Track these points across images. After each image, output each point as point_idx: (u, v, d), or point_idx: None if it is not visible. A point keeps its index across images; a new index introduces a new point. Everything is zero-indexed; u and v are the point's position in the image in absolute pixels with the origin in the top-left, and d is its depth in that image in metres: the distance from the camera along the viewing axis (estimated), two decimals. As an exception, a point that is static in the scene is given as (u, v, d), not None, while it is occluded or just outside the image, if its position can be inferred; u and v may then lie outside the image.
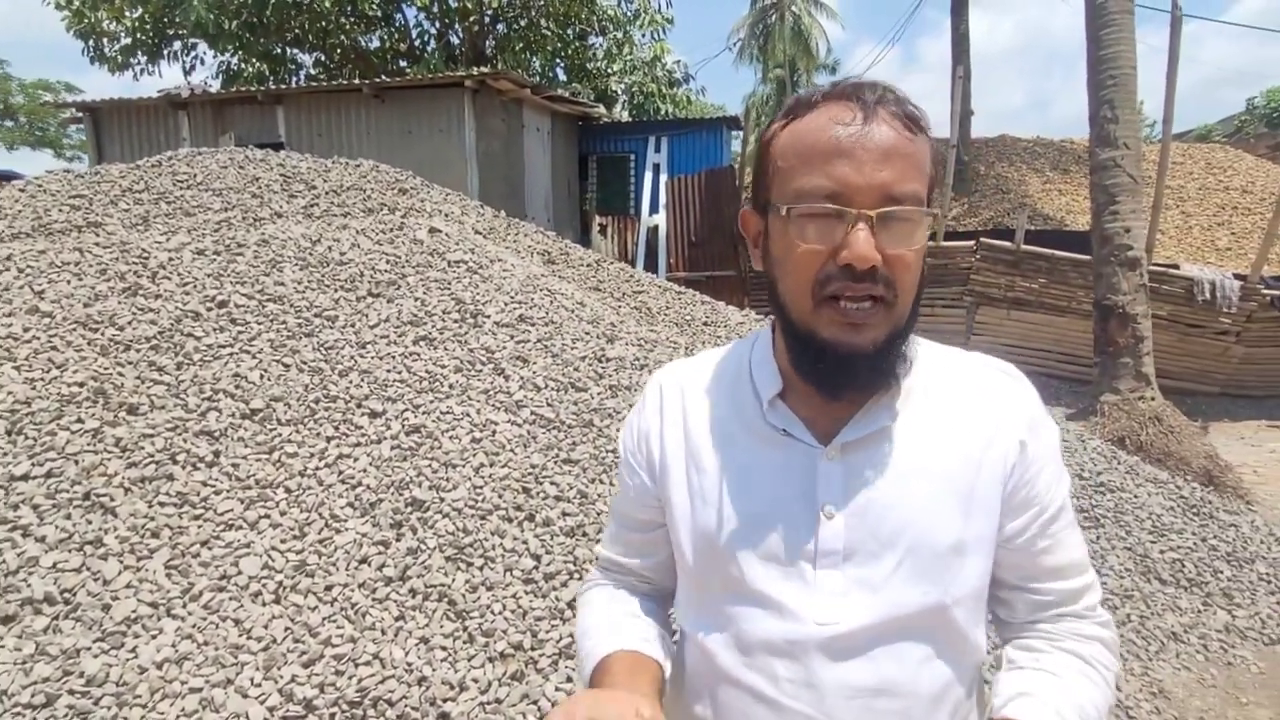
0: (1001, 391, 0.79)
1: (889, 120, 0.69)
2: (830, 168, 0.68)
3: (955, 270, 7.99)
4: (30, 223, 4.33)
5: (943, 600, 0.74)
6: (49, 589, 2.03)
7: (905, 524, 0.74)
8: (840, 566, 0.74)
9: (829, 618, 0.74)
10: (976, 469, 0.76)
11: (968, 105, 11.72)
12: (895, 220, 0.68)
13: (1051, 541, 0.79)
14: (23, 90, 27.26)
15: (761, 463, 0.78)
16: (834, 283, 0.69)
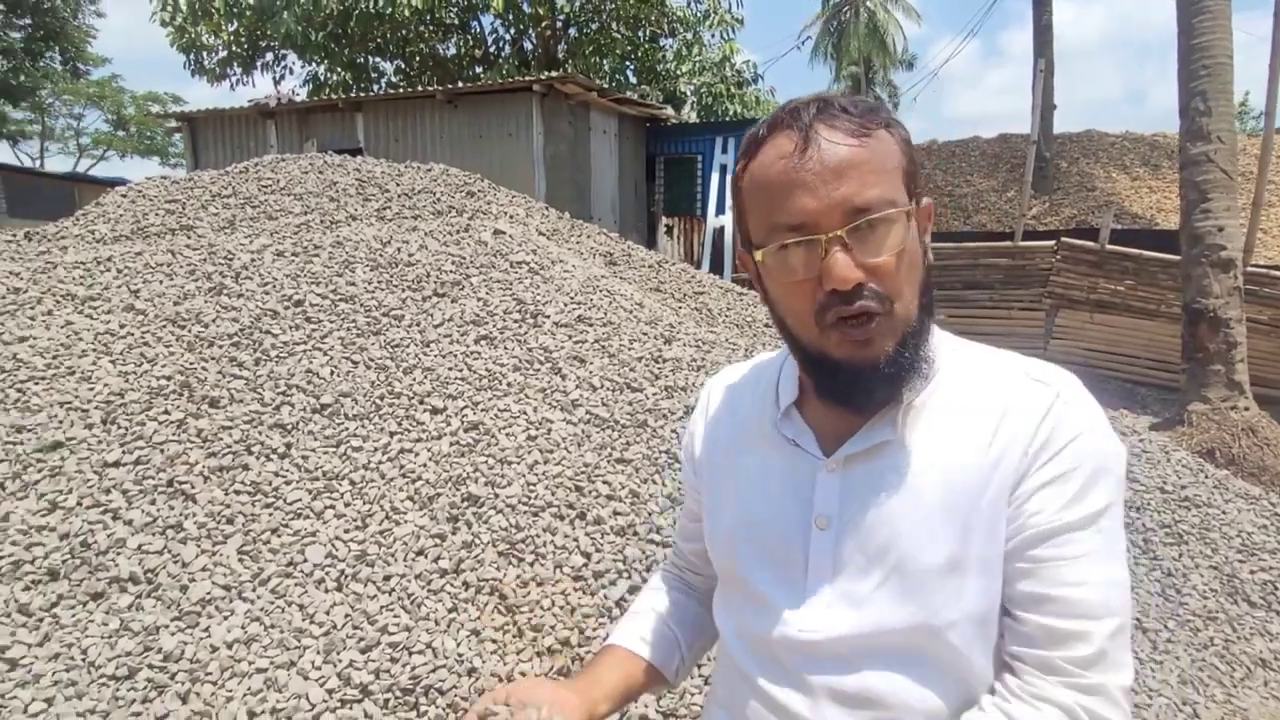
0: (1025, 402, 0.72)
1: (829, 134, 0.68)
2: (788, 202, 0.68)
3: (1034, 271, 7.67)
4: (130, 226, 4.64)
5: (930, 621, 0.71)
6: (134, 569, 2.17)
7: (892, 541, 0.72)
8: (830, 578, 0.75)
9: (811, 626, 0.75)
10: (982, 484, 0.71)
11: (1050, 99, 11.22)
12: (866, 230, 0.67)
13: (1033, 565, 0.69)
14: (134, 102, 29.28)
15: (770, 470, 0.81)
16: (830, 309, 0.69)
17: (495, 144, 9.35)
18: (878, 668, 0.73)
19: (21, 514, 2.30)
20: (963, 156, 14.64)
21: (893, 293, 0.69)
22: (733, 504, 0.84)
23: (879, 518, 0.73)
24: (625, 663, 0.91)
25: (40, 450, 2.54)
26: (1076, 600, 0.68)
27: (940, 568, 0.70)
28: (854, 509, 0.74)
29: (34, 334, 3.11)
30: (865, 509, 0.74)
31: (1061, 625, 0.68)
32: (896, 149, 0.70)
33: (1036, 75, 7.71)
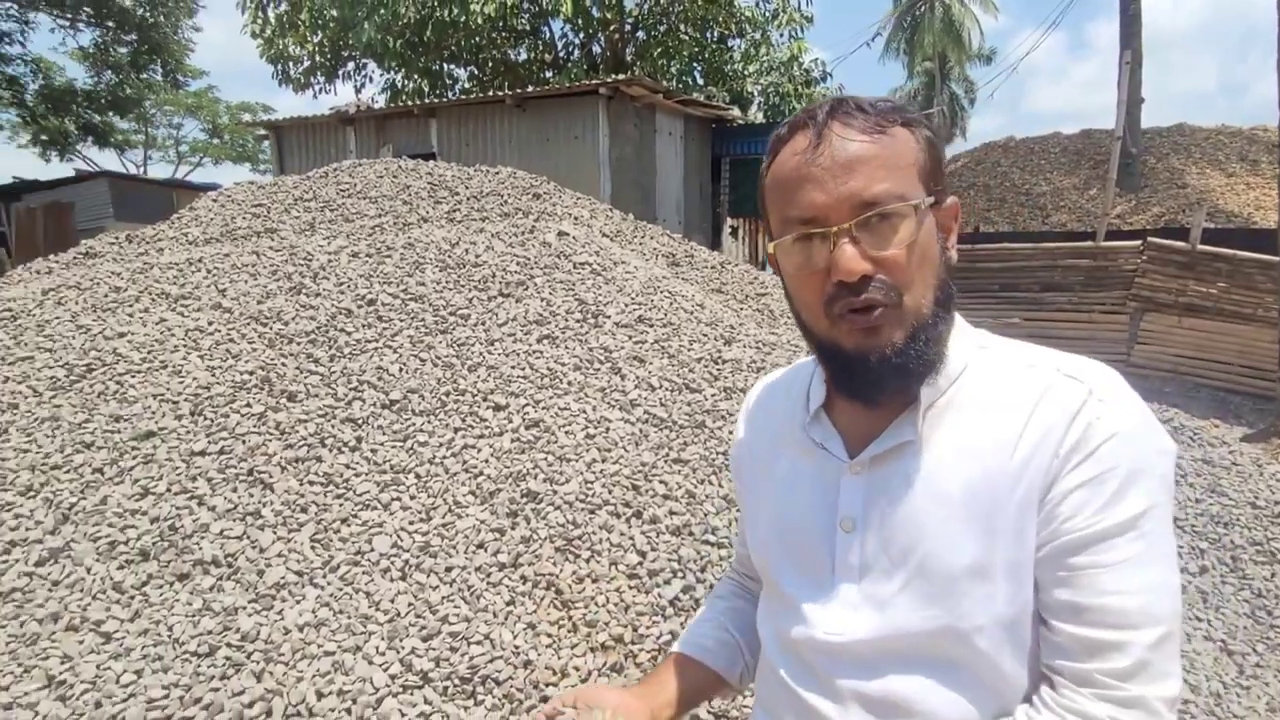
0: (1056, 399, 0.70)
1: (843, 131, 0.69)
2: (799, 196, 0.71)
3: (1117, 273, 7.30)
4: (219, 229, 4.91)
5: (954, 625, 0.70)
6: (216, 553, 2.30)
7: (914, 543, 0.72)
8: (856, 580, 0.76)
9: (836, 628, 0.76)
10: (1010, 486, 0.69)
11: (1137, 92, 10.66)
12: (875, 223, 0.68)
13: (1069, 574, 0.67)
14: (228, 111, 30.95)
15: (799, 474, 0.83)
16: (838, 300, 0.71)
17: (562, 146, 9.49)
18: (902, 672, 0.73)
19: (118, 498, 2.47)
20: (1041, 153, 14.06)
21: (902, 285, 0.70)
22: (767, 508, 0.86)
23: (902, 519, 0.73)
24: (689, 670, 0.93)
25: (135, 439, 2.72)
26: (1114, 609, 0.65)
27: (964, 570, 0.70)
28: (878, 511, 0.75)
29: (132, 330, 3.34)
30: (889, 510, 0.74)
31: (1097, 636, 0.66)
32: (914, 147, 0.71)
33: (1122, 67, 7.34)
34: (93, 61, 18.76)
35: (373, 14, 12.82)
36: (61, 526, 2.37)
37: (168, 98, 28.24)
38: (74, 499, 2.46)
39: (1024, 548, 0.69)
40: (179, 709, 1.87)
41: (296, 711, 1.90)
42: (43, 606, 2.11)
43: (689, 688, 0.91)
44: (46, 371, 3.05)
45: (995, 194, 13.41)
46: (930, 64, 26.38)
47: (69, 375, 3.03)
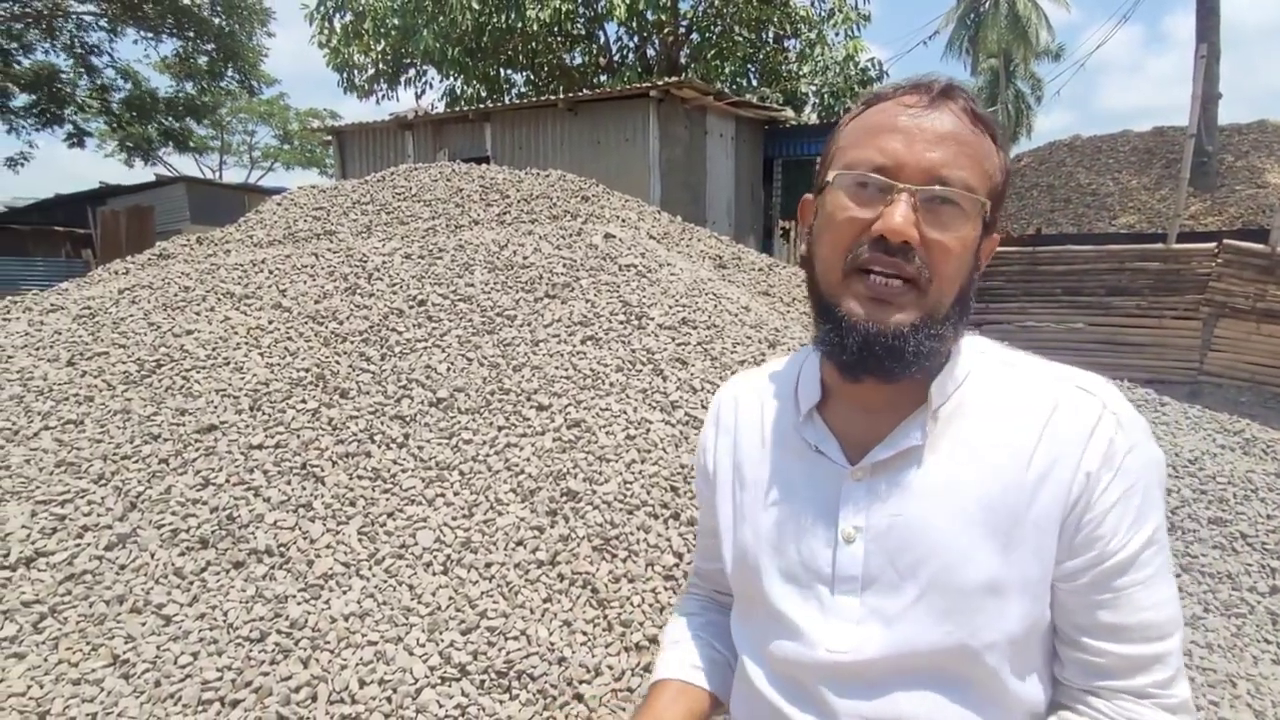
0: (1071, 412, 0.69)
1: (954, 110, 0.68)
2: (882, 142, 0.68)
3: (1190, 276, 6.96)
4: (282, 231, 5.11)
5: (968, 643, 0.67)
6: (269, 542, 2.40)
7: (927, 555, 0.68)
8: (858, 594, 0.71)
9: (840, 645, 0.71)
10: (1027, 500, 0.67)
11: (1213, 88, 10.15)
12: (941, 203, 0.66)
13: (1114, 596, 0.68)
14: (297, 118, 32.15)
15: (792, 479, 0.77)
16: (866, 254, 0.67)
17: (613, 149, 9.56)
18: (909, 690, 0.69)
19: (181, 488, 2.60)
20: (1109, 152, 13.51)
21: (936, 272, 0.67)
22: (753, 517, 0.80)
23: (913, 530, 0.69)
24: (682, 696, 0.86)
25: (198, 432, 2.85)
26: (1152, 624, 0.68)
27: (980, 586, 0.67)
28: (884, 520, 0.70)
29: (198, 328, 3.50)
30: (895, 520, 0.70)
31: (1141, 651, 0.68)
32: (996, 162, 0.70)
33: (1197, 61, 7.00)
34: (174, 71, 19.72)
35: (432, 22, 13.14)
36: (129, 514, 2.50)
37: (242, 105, 29.49)
38: (141, 488, 2.60)
39: (1042, 565, 0.68)
40: (230, 691, 1.96)
41: (340, 698, 1.97)
42: (110, 589, 2.24)
43: (688, 714, 0.84)
44: (120, 366, 3.23)
45: (1059, 194, 12.95)
46: (995, 61, 25.61)
47: (140, 370, 3.20)
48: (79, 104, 19.60)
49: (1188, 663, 2.43)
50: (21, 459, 2.71)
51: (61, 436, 2.83)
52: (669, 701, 0.84)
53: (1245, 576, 2.88)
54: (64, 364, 3.28)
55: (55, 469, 2.67)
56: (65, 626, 2.13)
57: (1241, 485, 3.36)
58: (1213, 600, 2.75)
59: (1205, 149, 9.94)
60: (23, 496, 2.54)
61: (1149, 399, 4.45)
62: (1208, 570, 2.87)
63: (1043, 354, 0.84)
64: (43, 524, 2.44)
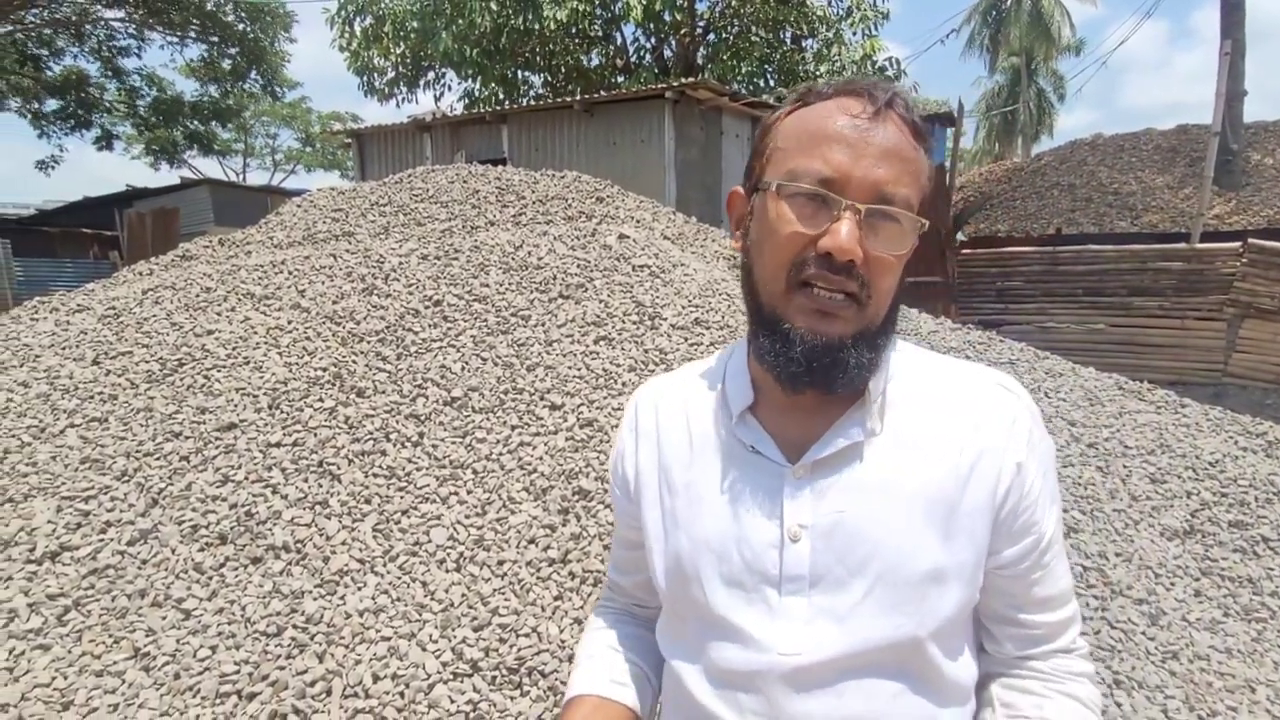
0: (994, 406, 0.73)
1: (896, 122, 0.68)
2: (828, 153, 0.67)
3: (1214, 276, 6.86)
4: (301, 232, 5.18)
5: (916, 633, 0.68)
6: (286, 539, 2.44)
7: (875, 549, 0.69)
8: (806, 593, 0.70)
9: (792, 648, 0.69)
10: (960, 490, 0.70)
11: (1239, 84, 9.98)
12: (884, 220, 0.67)
13: (1044, 572, 0.74)
14: (319, 121, 32.52)
15: (729, 482, 0.75)
16: (808, 270, 0.67)
17: (628, 150, 9.58)
18: (860, 686, 0.69)
19: (201, 485, 2.65)
20: (1132, 150, 13.33)
21: (874, 289, 0.68)
22: (687, 523, 0.76)
23: (858, 525, 0.70)
24: (599, 711, 0.81)
25: (218, 430, 2.91)
26: (1067, 588, 0.76)
27: (925, 575, 0.69)
28: (829, 517, 0.70)
29: (219, 328, 3.56)
30: (841, 516, 0.70)
31: (1066, 614, 0.76)
32: (926, 173, 0.71)
33: (1222, 58, 6.89)
34: (200, 75, 20.04)
35: (450, 24, 13.23)
36: (151, 510, 2.56)
37: (265, 108, 29.89)
38: (163, 484, 2.65)
39: (975, 551, 0.71)
40: (248, 684, 2.00)
41: (354, 693, 2.00)
42: (132, 583, 2.29)
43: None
44: (143, 365, 3.29)
45: (1080, 193, 12.79)
46: (1017, 59, 25.36)
47: (162, 369, 3.27)
48: (107, 108, 19.98)
49: (1205, 667, 2.41)
50: (48, 455, 2.77)
51: (86, 434, 2.90)
52: (585, 717, 0.80)
53: (1267, 581, 2.84)
54: (89, 363, 3.35)
55: (80, 466, 2.73)
56: (89, 619, 2.18)
57: (1264, 488, 3.32)
58: (1233, 605, 2.71)
59: (1230, 147, 9.77)
60: (49, 492, 2.61)
61: (1169, 400, 4.39)
62: (1228, 574, 2.84)
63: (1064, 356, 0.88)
64: (68, 519, 2.49)
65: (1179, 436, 3.72)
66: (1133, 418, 3.97)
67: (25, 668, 2.03)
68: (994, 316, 7.53)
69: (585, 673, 0.85)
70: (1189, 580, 2.77)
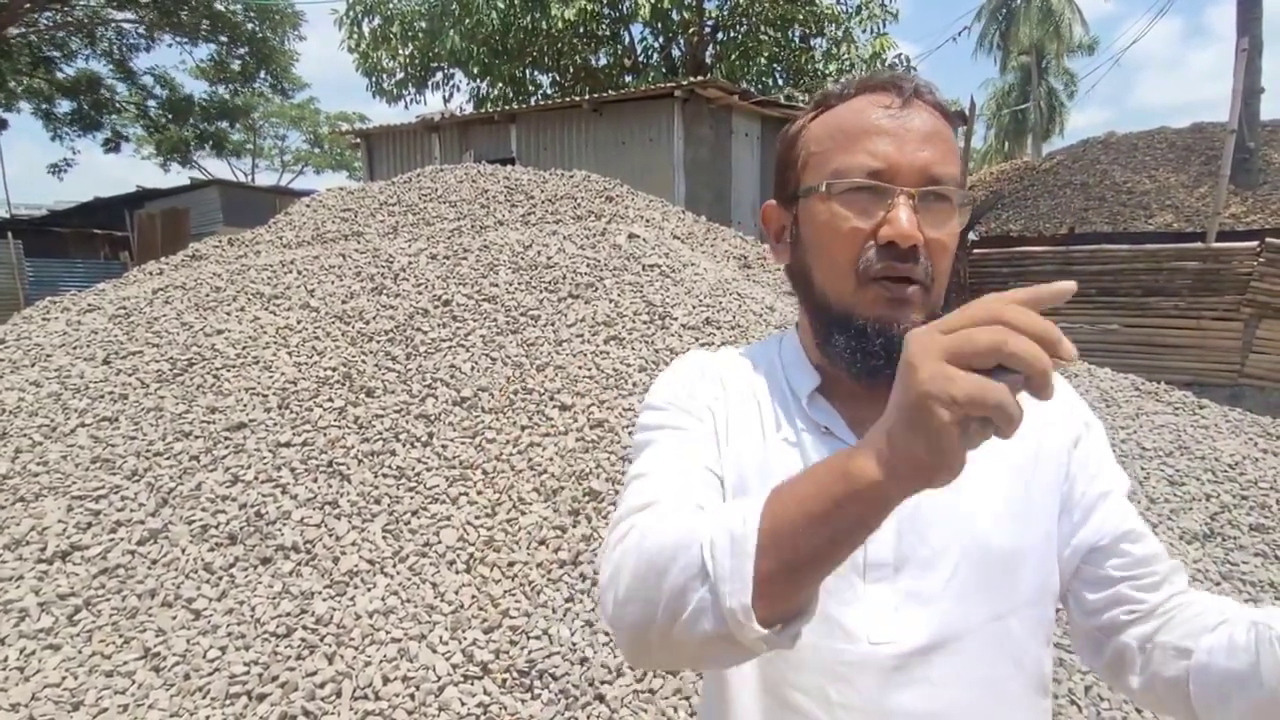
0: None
1: (925, 107, 0.70)
2: (872, 145, 0.68)
3: (1230, 276, 6.77)
4: (310, 232, 5.18)
5: (999, 611, 0.68)
6: (296, 539, 2.43)
7: (957, 530, 0.69)
8: (891, 579, 0.68)
9: (884, 636, 0.67)
10: (1032, 468, 0.72)
11: (1256, 82, 9.87)
12: (936, 200, 0.68)
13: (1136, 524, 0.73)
14: (328, 121, 32.61)
15: (804, 464, 0.71)
16: (876, 264, 0.67)
17: (637, 149, 9.55)
18: (952, 672, 0.67)
19: (210, 484, 2.64)
20: (1146, 149, 13.21)
21: (937, 270, 0.69)
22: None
23: (939, 507, 0.68)
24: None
25: (228, 429, 2.90)
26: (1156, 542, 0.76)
27: (1006, 555, 0.69)
28: (910, 502, 0.65)
29: (229, 327, 3.56)
30: (923, 501, 0.65)
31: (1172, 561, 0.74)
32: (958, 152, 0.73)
33: (1238, 55, 6.80)
34: (209, 76, 20.13)
35: (458, 24, 13.24)
36: (161, 509, 2.55)
37: (274, 109, 29.98)
38: (173, 484, 2.65)
39: (1046, 529, 0.71)
40: (258, 685, 1.99)
41: (364, 694, 1.99)
42: (142, 583, 2.28)
43: None
44: (153, 365, 3.29)
45: (1094, 192, 12.68)
46: (1027, 57, 25.18)
47: (172, 369, 3.26)
48: (118, 109, 20.09)
49: (1227, 673, 2.36)
50: (59, 455, 2.77)
51: (97, 433, 2.90)
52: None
53: (1288, 585, 2.79)
54: (100, 363, 3.35)
55: (91, 465, 2.73)
56: (99, 619, 2.17)
57: (1284, 491, 3.26)
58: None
59: (1246, 145, 9.66)
60: (59, 492, 2.60)
61: (1186, 401, 4.34)
62: (1248, 578, 2.79)
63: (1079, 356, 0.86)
64: (78, 519, 2.49)
65: (1197, 438, 3.67)
66: (1150, 419, 3.92)
67: (36, 667, 2.03)
68: (1006, 316, 7.47)
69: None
70: (1209, 585, 2.72)
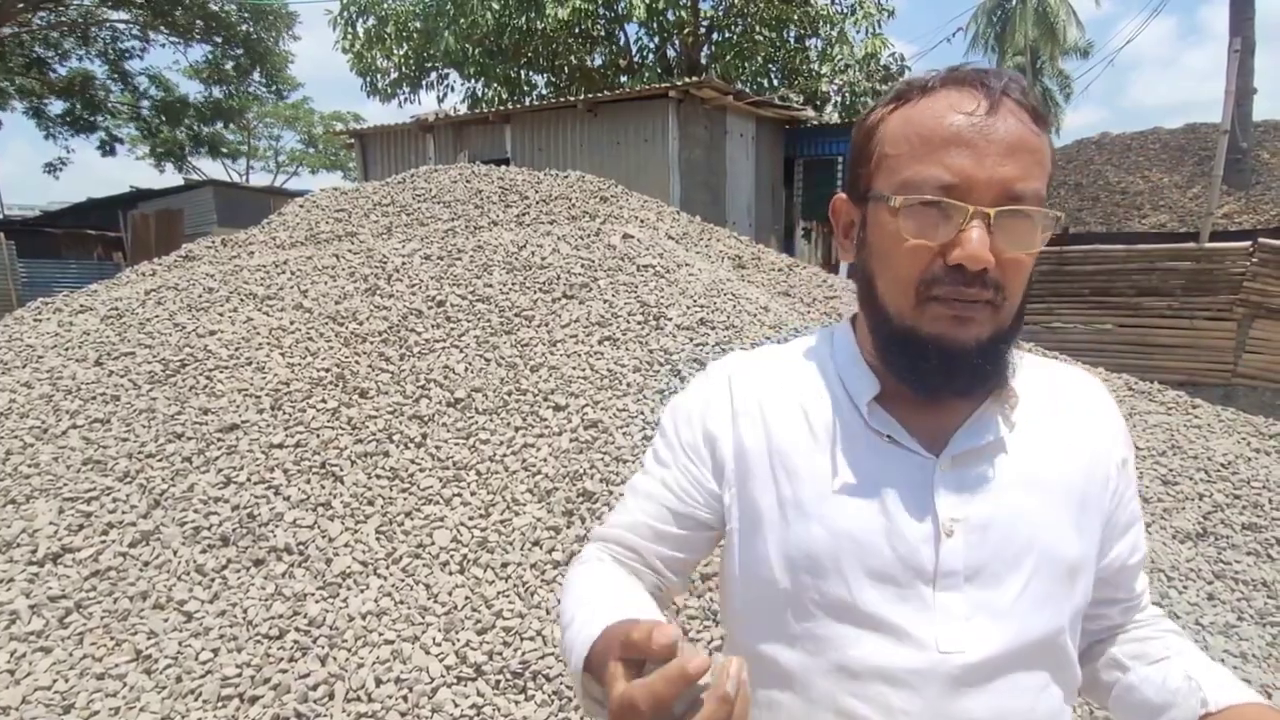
0: (1100, 405, 0.78)
1: (1015, 111, 0.63)
2: (948, 158, 0.62)
3: (1224, 277, 6.79)
4: (304, 233, 5.16)
5: (1060, 624, 0.70)
6: (289, 540, 2.42)
7: (1030, 542, 0.69)
8: (961, 588, 0.67)
9: (954, 645, 0.67)
10: (1085, 484, 0.73)
11: (1248, 82, 9.91)
12: (1015, 220, 0.63)
13: (1141, 549, 0.80)
14: (322, 121, 32.52)
15: (868, 472, 0.70)
16: (940, 285, 0.64)
17: (632, 150, 9.55)
18: (1016, 682, 0.69)
19: (203, 486, 2.63)
20: (1139, 149, 13.27)
21: (1009, 290, 0.65)
22: (820, 514, 0.70)
23: (1010, 519, 0.69)
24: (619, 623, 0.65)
25: (220, 431, 2.89)
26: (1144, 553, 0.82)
27: (1070, 568, 0.71)
28: (980, 511, 0.68)
29: (221, 328, 3.55)
30: (994, 511, 0.69)
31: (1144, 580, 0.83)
32: (1049, 159, 0.67)
33: (1231, 55, 6.83)
34: (203, 76, 20.08)
35: (453, 24, 13.22)
36: (153, 511, 2.54)
37: (268, 109, 29.90)
38: (165, 486, 2.63)
39: (1096, 541, 0.74)
40: (250, 687, 1.98)
41: (356, 696, 1.98)
42: (134, 585, 2.27)
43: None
44: (145, 366, 3.27)
45: (1088, 193, 12.73)
46: (1022, 59, 25.26)
47: (165, 370, 3.25)
48: (112, 110, 20.02)
49: (1219, 672, 2.37)
50: (50, 457, 2.76)
51: (89, 435, 2.88)
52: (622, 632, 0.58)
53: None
54: (92, 364, 3.34)
55: (82, 467, 2.72)
56: (90, 622, 2.16)
57: (1278, 490, 3.27)
58: (1247, 609, 2.67)
59: (1239, 145, 9.70)
60: (51, 494, 2.59)
61: (1180, 401, 4.35)
62: (1242, 578, 2.80)
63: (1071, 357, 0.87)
64: (70, 521, 2.48)
65: (1190, 438, 3.68)
66: (1143, 419, 3.93)
67: (26, 670, 2.02)
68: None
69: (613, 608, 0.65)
70: (1202, 584, 2.73)
